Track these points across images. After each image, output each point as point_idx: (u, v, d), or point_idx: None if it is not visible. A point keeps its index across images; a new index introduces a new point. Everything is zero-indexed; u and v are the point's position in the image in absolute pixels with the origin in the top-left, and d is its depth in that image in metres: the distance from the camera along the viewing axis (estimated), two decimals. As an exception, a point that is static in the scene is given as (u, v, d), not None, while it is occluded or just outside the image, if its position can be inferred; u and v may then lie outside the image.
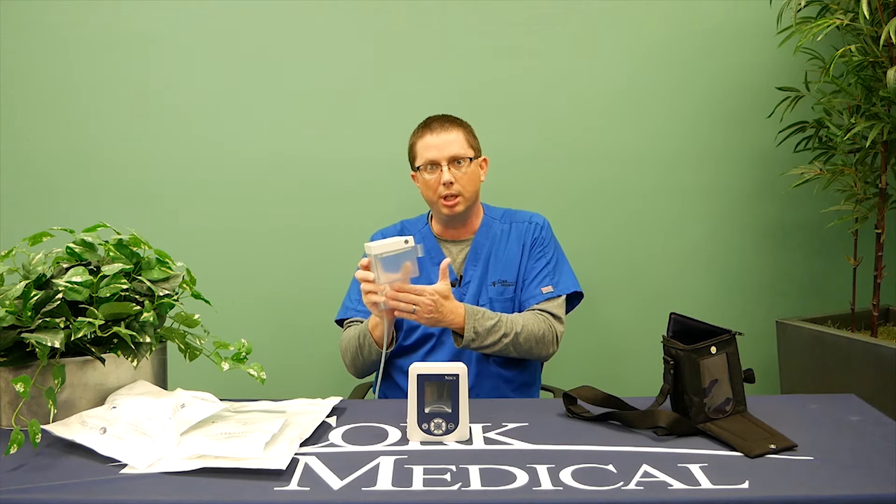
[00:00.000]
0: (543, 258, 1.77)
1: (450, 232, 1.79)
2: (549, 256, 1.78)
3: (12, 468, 1.11)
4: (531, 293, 1.74)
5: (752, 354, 2.02)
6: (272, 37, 2.25)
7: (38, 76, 2.24)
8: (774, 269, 2.41)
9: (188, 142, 2.28)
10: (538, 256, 1.77)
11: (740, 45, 2.30)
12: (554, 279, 1.76)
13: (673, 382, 1.30)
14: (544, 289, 1.74)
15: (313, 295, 2.31)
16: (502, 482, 1.07)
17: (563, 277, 1.78)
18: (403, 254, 1.48)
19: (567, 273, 1.80)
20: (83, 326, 1.22)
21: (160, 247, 1.42)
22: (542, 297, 1.73)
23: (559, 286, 1.76)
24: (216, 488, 1.06)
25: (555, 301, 1.74)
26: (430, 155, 1.69)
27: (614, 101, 2.32)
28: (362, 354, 1.70)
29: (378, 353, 1.65)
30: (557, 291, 1.75)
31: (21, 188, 2.27)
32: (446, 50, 2.28)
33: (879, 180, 2.06)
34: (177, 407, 1.22)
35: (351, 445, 1.22)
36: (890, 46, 1.90)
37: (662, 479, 1.08)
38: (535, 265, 1.76)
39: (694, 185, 2.36)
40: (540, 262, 1.77)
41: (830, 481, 1.06)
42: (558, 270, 1.78)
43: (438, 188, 1.69)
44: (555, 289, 1.75)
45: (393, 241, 1.48)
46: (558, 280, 1.76)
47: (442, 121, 1.74)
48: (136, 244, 1.38)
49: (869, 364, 1.94)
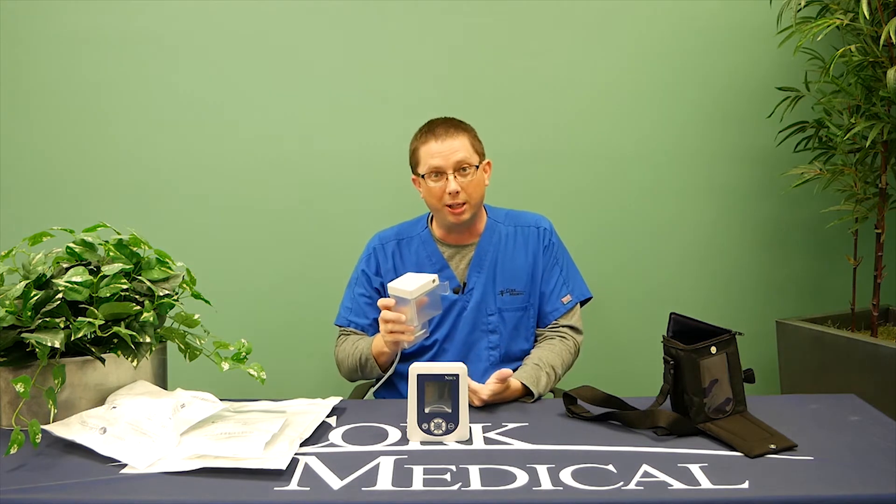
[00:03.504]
0: (557, 266, 1.78)
1: (452, 236, 1.77)
2: (561, 263, 1.79)
3: (12, 468, 1.11)
4: (554, 306, 1.76)
5: (752, 354, 2.02)
6: (272, 37, 2.25)
7: (39, 76, 2.23)
8: (774, 269, 2.41)
9: (188, 142, 2.28)
10: (552, 265, 1.77)
11: (740, 45, 2.30)
12: (569, 286, 1.78)
13: (673, 382, 1.30)
14: (564, 299, 1.76)
15: (313, 295, 2.31)
16: (502, 482, 1.07)
17: (576, 283, 1.80)
18: (432, 292, 1.47)
19: (577, 277, 1.82)
20: (83, 326, 1.22)
21: (160, 247, 1.42)
22: (564, 309, 1.76)
23: (574, 292, 1.78)
24: (216, 488, 1.06)
25: (574, 311, 1.78)
26: (435, 163, 1.64)
27: (614, 101, 2.32)
28: (362, 373, 1.71)
29: (379, 373, 1.67)
30: (574, 299, 1.78)
31: (21, 188, 2.27)
32: (446, 50, 2.27)
33: (879, 180, 2.06)
34: (177, 407, 1.22)
35: (351, 445, 1.22)
36: (890, 46, 1.90)
37: (662, 479, 1.08)
38: (552, 275, 1.77)
39: (694, 184, 2.36)
40: (555, 270, 1.77)
41: (830, 481, 1.06)
42: (570, 275, 1.80)
43: (444, 196, 1.65)
44: (572, 296, 1.77)
45: (420, 280, 1.45)
46: (572, 286, 1.79)
47: (446, 126, 1.68)
48: (136, 244, 1.38)
49: (869, 364, 1.94)
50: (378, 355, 1.64)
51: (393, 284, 1.45)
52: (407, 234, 1.80)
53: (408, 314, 1.46)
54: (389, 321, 1.47)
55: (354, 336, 1.76)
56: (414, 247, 1.77)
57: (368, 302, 1.76)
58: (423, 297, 1.45)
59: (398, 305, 1.46)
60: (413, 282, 1.45)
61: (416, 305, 1.45)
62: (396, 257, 1.77)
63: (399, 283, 1.45)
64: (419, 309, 1.46)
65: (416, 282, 1.44)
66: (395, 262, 1.77)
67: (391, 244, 1.79)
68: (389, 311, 1.47)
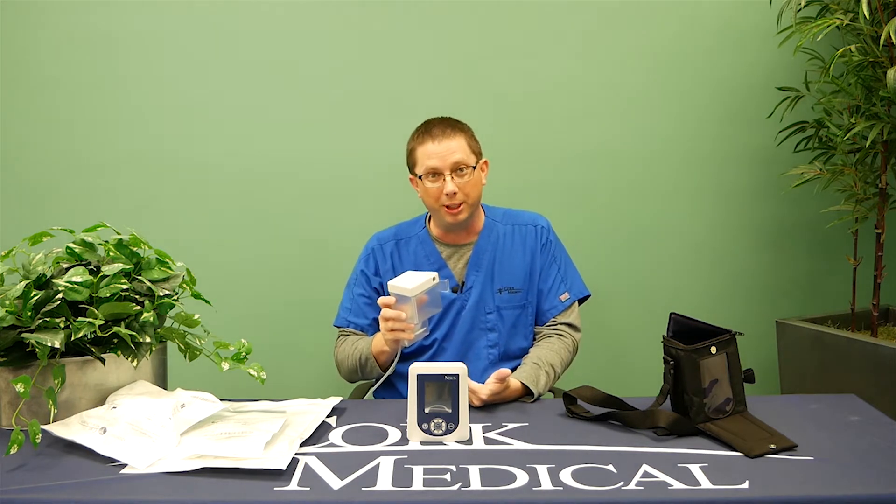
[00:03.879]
0: (555, 264, 1.78)
1: (451, 236, 1.77)
2: (559, 261, 1.79)
3: (12, 468, 1.11)
4: (551, 304, 1.76)
5: (752, 354, 2.02)
6: (271, 38, 2.25)
7: (38, 76, 2.23)
8: (774, 269, 2.41)
9: (188, 142, 2.27)
10: (550, 263, 1.77)
11: (740, 45, 2.30)
12: (567, 284, 1.78)
13: (673, 382, 1.30)
14: (562, 297, 1.76)
15: (313, 295, 2.31)
16: (502, 482, 1.07)
17: (574, 281, 1.80)
18: (432, 290, 1.47)
19: (575, 275, 1.82)
20: (83, 326, 1.22)
21: (160, 247, 1.42)
22: (562, 307, 1.76)
23: (572, 290, 1.78)
24: (216, 488, 1.06)
25: (572, 309, 1.78)
26: (432, 163, 1.64)
27: (614, 101, 2.32)
28: (362, 373, 1.71)
29: (379, 372, 1.67)
30: (572, 297, 1.78)
31: (21, 188, 2.27)
32: (446, 50, 2.27)
33: (879, 180, 2.06)
34: (177, 407, 1.22)
35: (351, 445, 1.22)
36: (890, 46, 1.90)
37: (662, 479, 1.08)
38: (549, 273, 1.77)
39: (694, 184, 2.36)
40: (552, 268, 1.77)
41: (830, 481, 1.06)
42: (568, 274, 1.80)
43: (441, 197, 1.65)
44: (570, 294, 1.77)
45: (421, 278, 1.45)
46: (570, 284, 1.79)
47: (443, 126, 1.68)
48: (136, 244, 1.38)
49: (869, 364, 1.94)
50: (378, 354, 1.64)
51: (393, 282, 1.46)
52: (405, 235, 1.80)
53: (408, 312, 1.46)
54: (390, 319, 1.47)
55: (354, 336, 1.76)
56: (412, 247, 1.77)
57: (367, 302, 1.76)
58: (423, 294, 1.45)
59: (398, 304, 1.46)
60: (413, 280, 1.45)
61: (417, 303, 1.45)
62: (395, 257, 1.78)
63: (399, 280, 1.46)
64: (419, 307, 1.47)
65: (416, 280, 1.45)
66: (394, 261, 1.77)
67: (389, 244, 1.79)
68: (390, 308, 1.47)
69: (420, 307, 1.47)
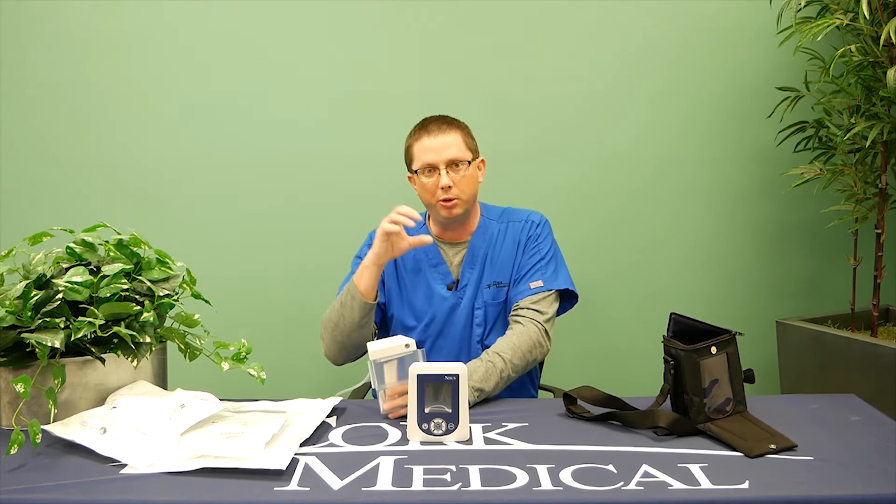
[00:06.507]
0: (537, 254, 1.72)
1: (448, 234, 1.78)
2: (542, 253, 1.73)
3: (12, 468, 1.11)
4: (519, 289, 1.70)
5: (752, 354, 2.02)
6: (271, 37, 2.25)
7: (38, 76, 2.24)
8: (774, 269, 2.41)
9: (188, 142, 2.28)
10: (532, 253, 1.73)
11: (740, 45, 2.30)
12: (545, 275, 1.70)
13: (673, 382, 1.30)
14: (532, 283, 1.69)
15: (313, 295, 2.31)
16: (502, 482, 1.07)
17: (557, 275, 1.72)
18: (404, 358, 1.40)
19: (559, 270, 1.74)
20: (83, 326, 1.22)
21: (160, 247, 1.42)
22: (529, 293, 1.68)
23: (549, 282, 1.70)
24: (216, 488, 1.06)
25: (540, 296, 1.68)
26: (428, 158, 1.66)
27: (613, 101, 2.32)
28: (343, 317, 1.63)
29: (362, 302, 1.59)
30: (547, 287, 1.69)
31: (21, 188, 2.27)
32: (446, 50, 2.27)
33: (879, 180, 2.06)
34: (177, 407, 1.23)
35: (351, 445, 1.22)
36: (890, 46, 1.90)
37: (662, 479, 1.08)
38: (528, 261, 1.72)
39: (694, 184, 2.36)
40: (533, 258, 1.72)
41: (830, 481, 1.06)
42: (551, 267, 1.72)
43: (436, 192, 1.66)
44: (545, 284, 1.69)
45: (393, 344, 1.39)
46: (550, 276, 1.70)
47: (439, 122, 1.70)
48: (136, 244, 1.38)
49: (869, 364, 1.94)
50: (359, 281, 1.59)
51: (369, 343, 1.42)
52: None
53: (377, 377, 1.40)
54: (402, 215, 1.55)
55: None
56: None
57: None
58: (392, 360, 1.40)
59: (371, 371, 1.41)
60: (384, 347, 1.40)
61: (387, 371, 1.40)
62: None
63: (372, 346, 1.41)
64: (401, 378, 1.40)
65: (387, 347, 1.39)
66: None
67: None
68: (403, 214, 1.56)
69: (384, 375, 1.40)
